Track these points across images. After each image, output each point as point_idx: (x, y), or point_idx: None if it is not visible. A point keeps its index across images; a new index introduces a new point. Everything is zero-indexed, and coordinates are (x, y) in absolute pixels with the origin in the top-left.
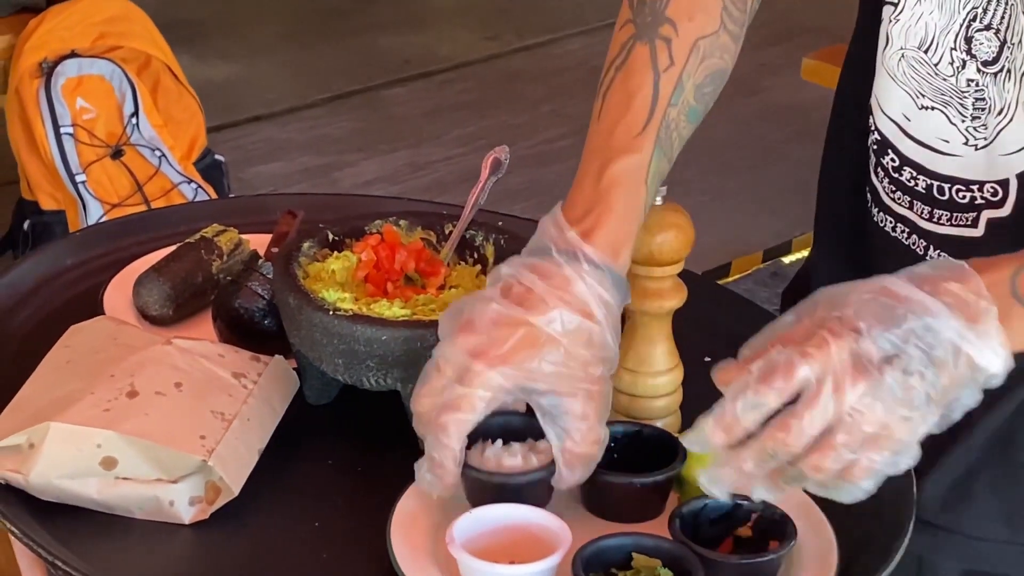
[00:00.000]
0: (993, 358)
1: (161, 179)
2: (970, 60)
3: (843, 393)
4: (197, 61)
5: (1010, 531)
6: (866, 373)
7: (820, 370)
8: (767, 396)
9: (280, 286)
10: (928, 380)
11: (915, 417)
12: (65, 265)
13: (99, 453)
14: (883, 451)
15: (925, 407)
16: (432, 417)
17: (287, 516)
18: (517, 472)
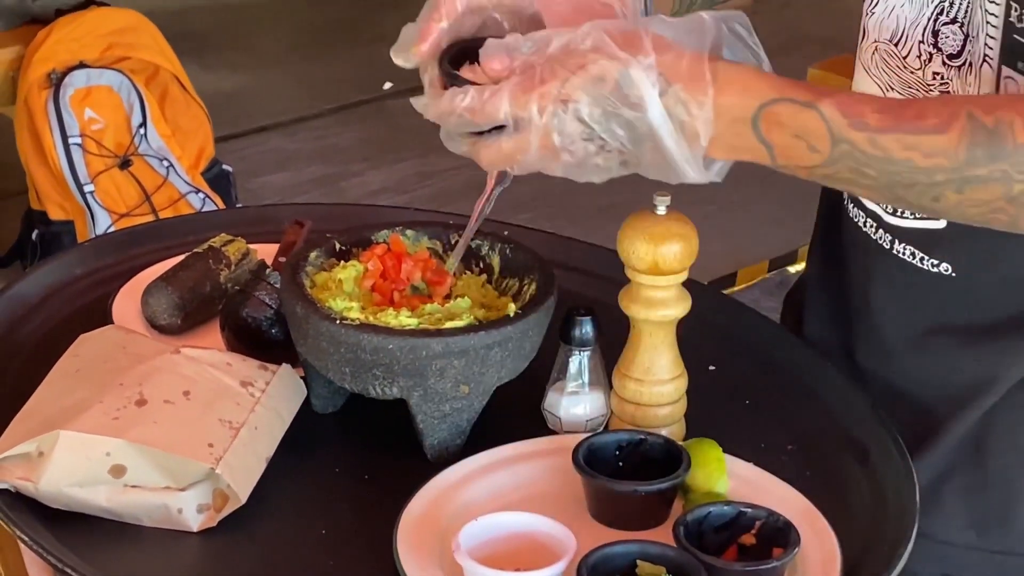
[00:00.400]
0: (691, 174)
1: (169, 189)
2: (936, 53)
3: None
4: (205, 71)
5: (978, 537)
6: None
7: (515, 122)
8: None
9: (287, 295)
10: (627, 157)
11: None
12: (74, 275)
13: (108, 461)
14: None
15: (618, 168)
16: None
17: (294, 523)
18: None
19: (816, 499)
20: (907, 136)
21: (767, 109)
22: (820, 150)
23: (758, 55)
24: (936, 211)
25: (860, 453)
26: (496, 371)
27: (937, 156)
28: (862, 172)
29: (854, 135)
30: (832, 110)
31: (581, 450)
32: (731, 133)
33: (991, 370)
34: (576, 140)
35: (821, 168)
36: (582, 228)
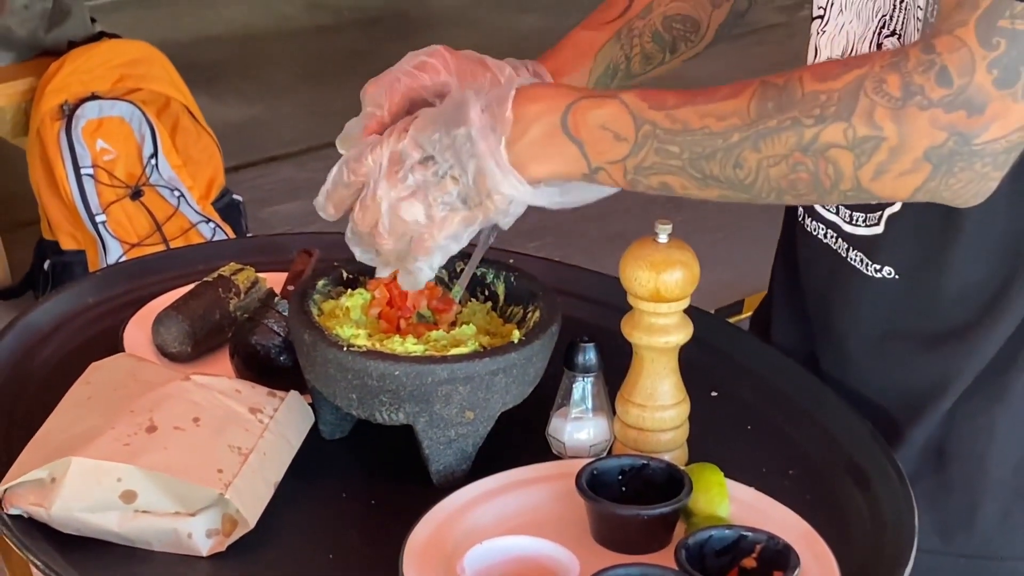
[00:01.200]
0: (502, 180)
1: (180, 219)
2: None
3: (378, 188)
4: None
5: (943, 542)
6: (395, 169)
7: (375, 161)
8: (345, 178)
9: (295, 323)
10: (463, 182)
11: (447, 213)
12: (86, 303)
13: (119, 487)
14: (422, 243)
15: (462, 204)
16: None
17: (302, 548)
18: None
19: (816, 523)
20: (702, 106)
21: (574, 107)
22: (625, 137)
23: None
24: (741, 180)
25: (860, 478)
26: (501, 397)
27: (730, 117)
28: (666, 151)
29: (654, 114)
30: (632, 97)
31: (584, 475)
32: (542, 137)
33: (944, 373)
34: (415, 166)
35: (631, 157)
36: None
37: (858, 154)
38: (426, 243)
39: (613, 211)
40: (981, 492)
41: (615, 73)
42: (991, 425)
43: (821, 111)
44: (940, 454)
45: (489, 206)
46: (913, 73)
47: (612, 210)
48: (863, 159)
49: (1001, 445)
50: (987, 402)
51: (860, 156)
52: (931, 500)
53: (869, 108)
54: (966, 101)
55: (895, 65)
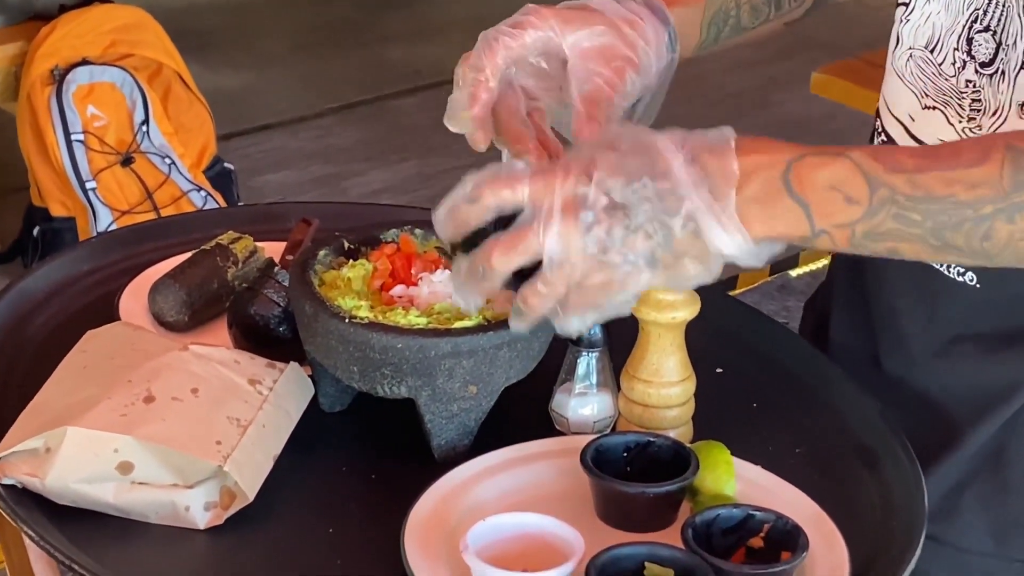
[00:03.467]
0: (726, 239)
1: (171, 187)
2: (970, 61)
3: (548, 229)
4: (208, 70)
5: (996, 545)
6: (574, 215)
7: (537, 198)
8: (483, 192)
9: (296, 293)
10: (656, 240)
11: (630, 271)
12: (81, 271)
13: (116, 458)
14: (587, 299)
15: (647, 265)
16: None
17: (301, 522)
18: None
19: (824, 503)
20: (946, 172)
21: (796, 164)
22: (858, 200)
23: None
24: (988, 253)
25: (868, 457)
26: (504, 371)
27: (980, 187)
28: (906, 218)
29: (891, 178)
30: (864, 156)
31: (589, 451)
32: (763, 195)
33: (1015, 378)
34: (600, 216)
35: (862, 222)
36: None
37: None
38: (593, 299)
39: None
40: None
41: (726, 20)
42: None
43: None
44: (999, 456)
45: (687, 268)
46: None
47: None
48: None
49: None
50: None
51: None
52: (986, 502)
53: None
54: None
55: None
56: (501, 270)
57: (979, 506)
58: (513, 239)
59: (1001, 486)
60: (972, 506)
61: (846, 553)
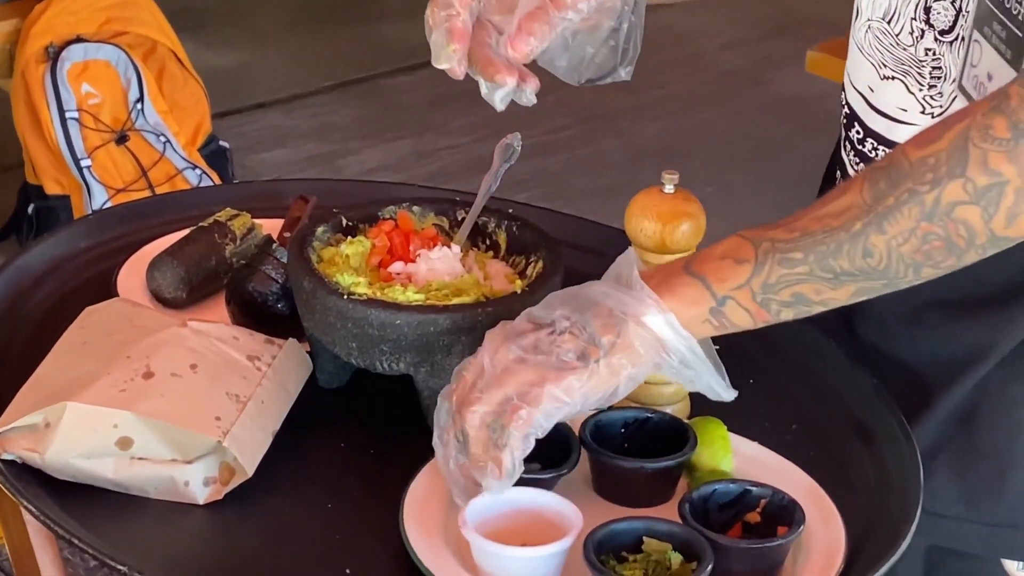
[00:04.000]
0: (643, 311)
1: (165, 165)
2: (928, 30)
3: (483, 367)
4: (202, 48)
5: (967, 508)
6: (507, 341)
7: (475, 359)
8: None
9: (295, 270)
10: (581, 340)
11: (557, 366)
12: (78, 248)
13: (115, 433)
14: (526, 402)
15: (578, 363)
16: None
17: (300, 497)
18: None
19: (820, 478)
20: (816, 211)
21: (695, 254)
22: (746, 258)
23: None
24: (874, 267)
25: (864, 433)
26: None
27: (847, 210)
28: (789, 260)
29: (770, 232)
30: (748, 230)
31: (587, 427)
32: (665, 279)
33: (984, 341)
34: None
35: (755, 277)
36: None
37: (984, 205)
38: (532, 396)
39: (602, 164)
40: (1011, 461)
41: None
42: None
43: (934, 174)
44: (970, 421)
45: (619, 359)
46: (1019, 111)
47: (601, 163)
48: (991, 209)
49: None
50: (1021, 370)
51: (987, 207)
52: (958, 467)
53: (982, 157)
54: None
55: (997, 108)
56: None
57: (950, 470)
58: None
59: (972, 450)
60: (944, 471)
61: (842, 528)
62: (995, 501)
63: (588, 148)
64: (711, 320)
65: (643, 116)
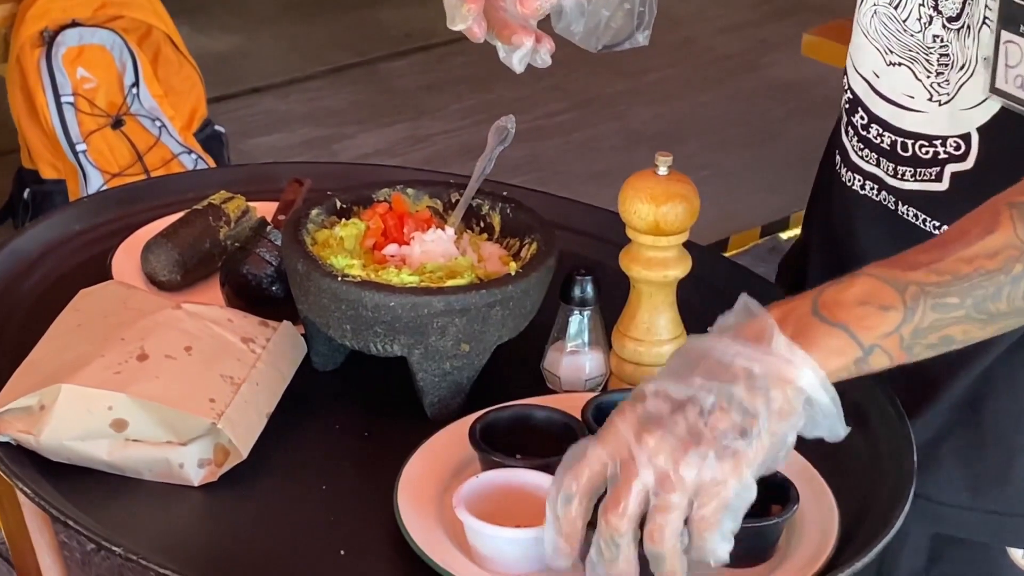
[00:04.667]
0: (791, 369)
1: (161, 149)
2: (936, 16)
3: (635, 460)
4: (198, 32)
5: (973, 497)
6: (652, 428)
7: (613, 449)
8: (570, 487)
9: (289, 252)
10: (734, 415)
11: (726, 455)
12: (73, 231)
13: (110, 415)
14: (710, 501)
15: (742, 443)
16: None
17: (295, 479)
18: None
19: (814, 459)
20: (963, 251)
21: (820, 297)
22: (892, 305)
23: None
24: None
25: (857, 414)
26: (497, 330)
27: (1002, 252)
28: (945, 305)
29: (914, 275)
30: (879, 269)
31: (589, 410)
32: (802, 333)
33: None
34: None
35: (905, 324)
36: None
37: None
38: (721, 497)
39: (598, 148)
40: (1016, 449)
41: None
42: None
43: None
44: (974, 409)
45: (778, 425)
46: None
47: (597, 147)
48: None
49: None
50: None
51: None
52: (963, 455)
53: None
54: None
55: None
56: (623, 527)
57: (956, 459)
58: (616, 494)
59: (978, 439)
60: (949, 459)
61: (836, 508)
62: (1000, 489)
63: (584, 132)
64: (853, 369)
65: (639, 100)
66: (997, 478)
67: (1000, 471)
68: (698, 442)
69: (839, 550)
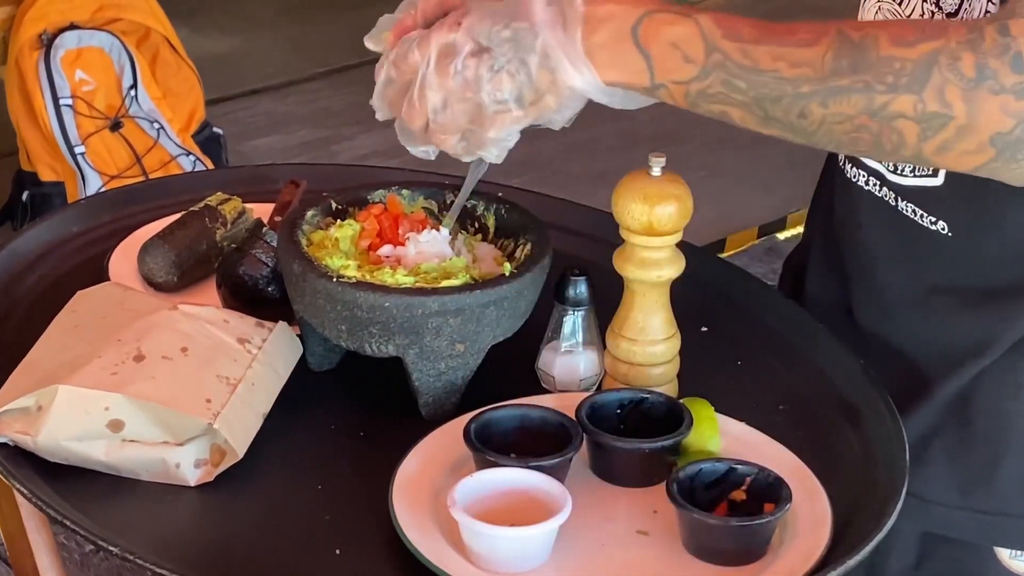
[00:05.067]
0: (574, 74)
1: (160, 151)
2: (937, 12)
3: (427, 83)
4: (196, 34)
5: (961, 496)
6: (446, 63)
7: (419, 60)
8: (393, 75)
9: (284, 253)
10: (520, 79)
11: (500, 108)
12: (71, 232)
13: (106, 416)
14: (457, 120)
15: (515, 103)
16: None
17: (291, 479)
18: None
19: (807, 458)
20: (777, 47)
21: (646, 19)
22: (694, 59)
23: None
24: (805, 130)
25: (851, 413)
26: (491, 330)
27: (803, 66)
28: (732, 84)
29: (727, 44)
30: (708, 21)
31: (584, 408)
32: (612, 41)
33: (990, 332)
34: (467, 57)
35: (695, 82)
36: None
37: (924, 128)
38: (459, 122)
39: (596, 149)
40: (1004, 449)
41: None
42: (1018, 382)
43: (894, 79)
44: (965, 409)
45: (548, 103)
46: (988, 55)
47: (596, 148)
48: (929, 133)
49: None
50: (1018, 359)
51: (926, 130)
52: (952, 454)
53: (941, 85)
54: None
55: (971, 43)
56: (412, 127)
57: (946, 458)
58: (409, 98)
59: (967, 439)
60: (939, 458)
61: (828, 506)
62: (988, 489)
63: (582, 133)
64: (640, 90)
65: None
66: (985, 478)
67: (987, 471)
68: (475, 91)
69: (831, 548)
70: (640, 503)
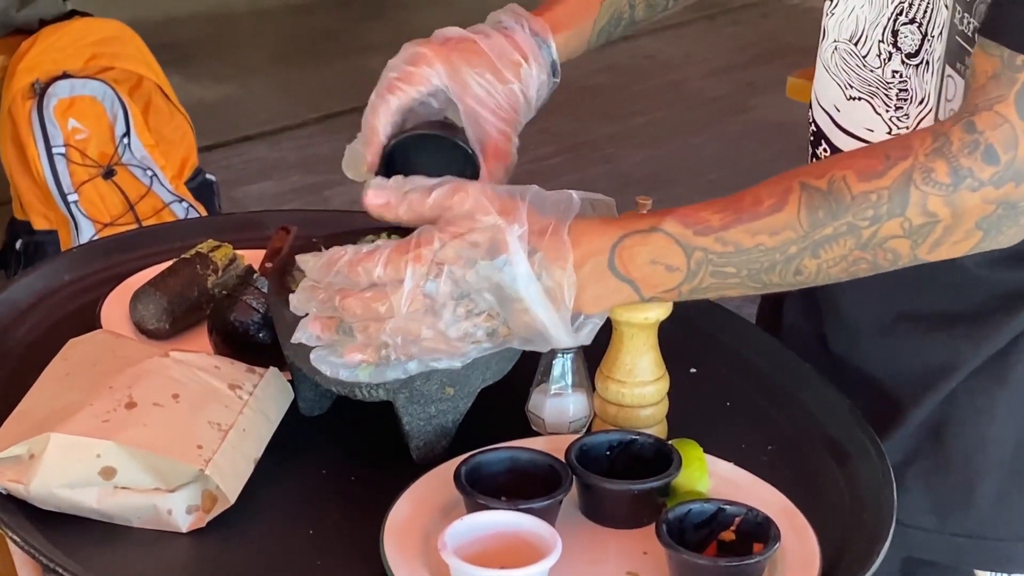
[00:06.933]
0: (568, 339)
1: (153, 198)
2: (896, 52)
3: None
4: (188, 81)
5: (939, 521)
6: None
7: (392, 273)
8: (348, 264)
9: (275, 299)
10: (497, 321)
11: (472, 346)
12: (63, 280)
13: (98, 463)
14: (424, 348)
15: (486, 337)
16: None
17: (282, 524)
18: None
19: (796, 498)
20: (750, 223)
21: (618, 248)
22: (677, 267)
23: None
24: (804, 283)
25: (839, 454)
26: (481, 373)
27: (783, 231)
28: (723, 273)
29: (702, 240)
30: (674, 225)
31: (573, 450)
32: (593, 282)
33: (955, 356)
34: (446, 302)
35: (686, 283)
36: None
37: (915, 239)
38: (426, 347)
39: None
40: (979, 472)
41: (618, 22)
42: (992, 405)
43: (875, 212)
44: (939, 433)
45: (516, 337)
46: (959, 156)
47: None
48: (919, 240)
49: (1001, 425)
50: (989, 382)
51: (916, 240)
52: (928, 479)
53: (921, 199)
54: (1015, 174)
55: (939, 151)
56: (349, 317)
57: (921, 483)
58: (372, 298)
59: (942, 463)
60: (915, 483)
61: (817, 545)
62: (964, 512)
63: (573, 176)
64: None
65: (628, 143)
66: (961, 502)
67: (963, 495)
68: (451, 321)
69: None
70: (630, 544)
